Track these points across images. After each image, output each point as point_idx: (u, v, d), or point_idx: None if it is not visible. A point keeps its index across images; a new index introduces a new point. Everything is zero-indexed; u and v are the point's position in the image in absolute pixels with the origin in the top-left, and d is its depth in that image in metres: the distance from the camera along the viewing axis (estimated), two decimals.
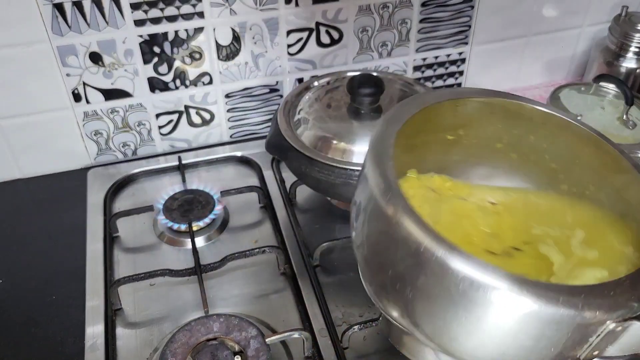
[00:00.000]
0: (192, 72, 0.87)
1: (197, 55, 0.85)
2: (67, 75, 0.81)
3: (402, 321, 0.46)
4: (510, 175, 0.60)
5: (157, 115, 0.90)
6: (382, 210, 0.42)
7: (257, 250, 0.73)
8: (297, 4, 0.85)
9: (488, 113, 0.56)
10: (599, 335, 0.40)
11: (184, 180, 0.87)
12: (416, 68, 0.98)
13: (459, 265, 0.38)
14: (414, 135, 0.50)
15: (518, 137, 0.57)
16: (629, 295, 0.40)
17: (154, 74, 0.85)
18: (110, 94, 0.85)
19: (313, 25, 0.88)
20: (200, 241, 0.78)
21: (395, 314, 0.46)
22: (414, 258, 0.40)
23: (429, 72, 0.99)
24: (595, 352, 0.42)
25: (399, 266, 0.43)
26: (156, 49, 0.83)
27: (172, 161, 0.90)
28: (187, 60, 0.85)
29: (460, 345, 0.43)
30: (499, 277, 0.38)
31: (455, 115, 0.54)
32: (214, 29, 0.84)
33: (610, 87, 0.90)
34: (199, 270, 0.71)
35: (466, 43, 0.98)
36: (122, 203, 0.85)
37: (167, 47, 0.83)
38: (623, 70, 0.94)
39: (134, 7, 0.78)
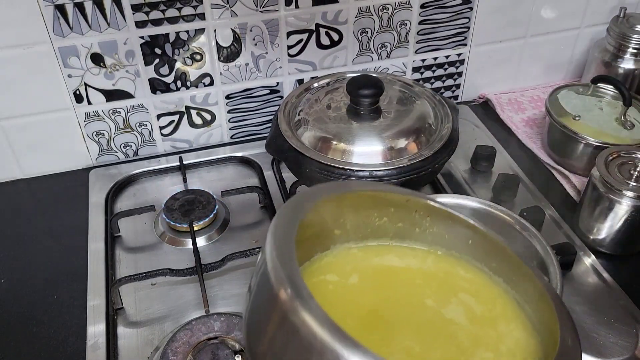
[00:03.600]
0: (193, 73, 0.87)
1: (197, 57, 0.86)
2: (69, 76, 0.82)
3: None
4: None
5: (159, 116, 0.90)
6: (281, 302, 0.37)
7: (258, 249, 0.73)
8: (297, 6, 0.85)
9: (374, 206, 0.51)
10: None
11: (185, 181, 0.87)
12: (415, 69, 0.99)
13: None
14: (305, 228, 0.45)
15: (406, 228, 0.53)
16: None
17: (155, 75, 0.86)
18: (112, 95, 0.86)
19: (313, 27, 0.88)
20: (201, 241, 0.78)
21: None
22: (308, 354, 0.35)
23: (428, 74, 1.00)
24: None
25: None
26: (157, 50, 0.83)
27: (173, 161, 0.90)
28: (188, 61, 0.86)
29: None
30: None
31: (341, 208, 0.50)
32: (215, 30, 0.84)
33: (608, 88, 0.90)
34: (199, 269, 0.71)
35: (465, 44, 0.98)
36: (123, 203, 0.85)
37: (168, 48, 0.84)
38: (621, 71, 0.94)
39: (135, 8, 0.79)
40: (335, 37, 0.90)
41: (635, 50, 0.93)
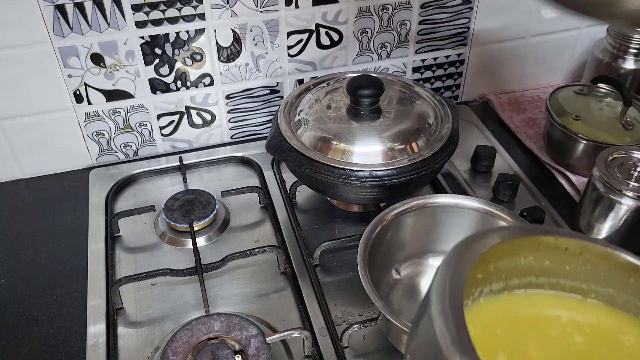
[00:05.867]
0: (193, 73, 0.87)
1: (198, 57, 0.86)
2: (69, 76, 0.82)
3: None
4: None
5: (159, 116, 0.90)
6: None
7: (258, 249, 0.74)
8: (297, 6, 0.85)
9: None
10: None
11: (185, 181, 0.87)
12: (415, 69, 0.99)
13: None
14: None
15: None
16: None
17: (155, 75, 0.86)
18: (112, 95, 0.86)
19: (313, 27, 0.88)
20: (201, 241, 0.78)
21: None
22: None
23: (428, 74, 1.00)
24: None
25: None
26: (157, 50, 0.83)
27: (174, 162, 0.90)
28: (188, 61, 0.86)
29: None
30: None
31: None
32: (215, 31, 0.84)
33: (608, 88, 0.90)
34: (199, 269, 0.71)
35: (465, 44, 0.98)
36: (123, 203, 0.85)
37: (168, 48, 0.84)
38: (621, 71, 0.94)
39: (135, 8, 0.79)
40: (335, 37, 0.90)
41: (635, 51, 0.93)
